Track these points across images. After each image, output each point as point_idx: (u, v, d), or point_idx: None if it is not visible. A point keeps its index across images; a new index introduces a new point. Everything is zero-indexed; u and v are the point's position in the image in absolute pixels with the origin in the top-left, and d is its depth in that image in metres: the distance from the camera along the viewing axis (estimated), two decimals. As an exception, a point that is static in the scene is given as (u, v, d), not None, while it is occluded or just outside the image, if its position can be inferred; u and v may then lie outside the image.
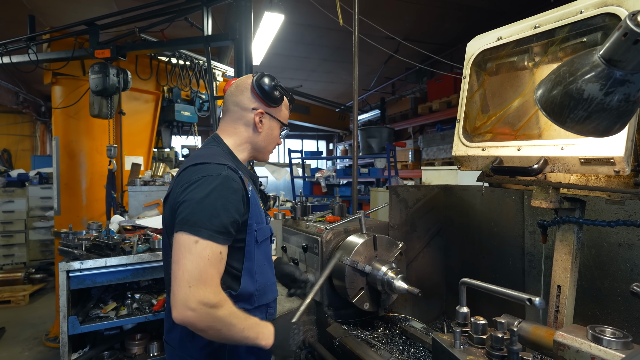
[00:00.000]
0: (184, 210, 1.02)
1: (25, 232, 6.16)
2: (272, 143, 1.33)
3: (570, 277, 1.11)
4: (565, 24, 1.04)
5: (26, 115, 9.31)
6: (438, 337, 1.02)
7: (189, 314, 0.93)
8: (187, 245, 0.98)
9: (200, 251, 0.97)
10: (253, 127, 1.26)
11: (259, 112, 1.25)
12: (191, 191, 1.04)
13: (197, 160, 1.13)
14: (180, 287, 0.95)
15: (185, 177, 1.10)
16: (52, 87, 4.02)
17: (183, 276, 0.95)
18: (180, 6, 3.26)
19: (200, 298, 0.94)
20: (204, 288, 0.95)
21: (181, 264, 0.97)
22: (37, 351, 3.73)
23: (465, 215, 2.10)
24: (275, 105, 1.27)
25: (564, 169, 1.00)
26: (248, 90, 1.25)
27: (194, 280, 0.95)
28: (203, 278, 0.96)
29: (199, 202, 1.02)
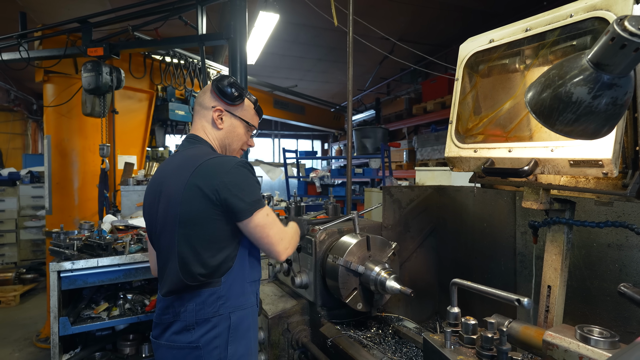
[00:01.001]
0: (245, 197, 1.22)
1: (16, 232, 6.08)
2: (237, 141, 1.42)
3: (560, 277, 1.13)
4: (555, 27, 1.06)
5: (17, 114, 9.19)
6: (429, 337, 1.03)
7: (287, 253, 1.32)
8: (264, 221, 1.25)
9: (272, 218, 1.28)
10: (213, 124, 1.37)
11: (217, 109, 1.36)
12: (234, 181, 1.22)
13: (208, 156, 1.27)
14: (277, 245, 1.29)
15: (214, 170, 1.23)
16: (44, 85, 3.98)
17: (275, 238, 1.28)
18: (175, 4, 3.24)
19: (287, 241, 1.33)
20: (283, 238, 1.31)
21: (269, 233, 1.27)
22: (27, 352, 3.68)
23: (458, 216, 2.11)
24: (233, 103, 1.36)
25: (554, 170, 1.02)
26: (209, 91, 1.38)
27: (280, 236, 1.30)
28: (276, 235, 1.29)
29: (248, 184, 1.25)
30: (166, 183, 1.29)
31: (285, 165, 6.73)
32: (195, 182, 1.21)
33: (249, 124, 1.42)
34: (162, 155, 5.14)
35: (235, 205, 1.21)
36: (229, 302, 1.26)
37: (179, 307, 1.25)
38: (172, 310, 1.27)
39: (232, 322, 1.26)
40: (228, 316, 1.25)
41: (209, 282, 1.24)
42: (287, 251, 1.33)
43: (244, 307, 1.30)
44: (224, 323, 1.25)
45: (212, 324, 1.23)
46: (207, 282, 1.24)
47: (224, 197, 1.20)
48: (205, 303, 1.24)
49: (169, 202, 1.26)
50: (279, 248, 1.29)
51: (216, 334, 1.23)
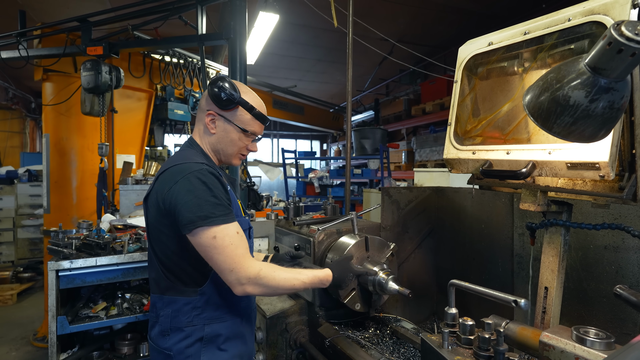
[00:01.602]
0: (184, 210, 1.12)
1: (13, 231, 6.06)
2: (231, 146, 1.34)
3: (557, 279, 1.13)
4: (553, 30, 1.06)
5: (15, 112, 9.16)
6: (427, 337, 1.04)
7: (245, 290, 1.13)
8: (209, 243, 1.11)
9: (219, 242, 1.11)
10: (205, 128, 1.33)
11: (210, 113, 1.31)
12: (180, 191, 1.14)
13: (175, 162, 1.22)
14: (226, 275, 1.13)
15: (168, 178, 1.18)
16: (43, 83, 3.97)
17: (222, 267, 1.12)
18: (174, 4, 3.24)
19: (240, 276, 1.12)
20: (243, 267, 1.12)
21: (215, 260, 1.12)
22: (24, 351, 3.67)
23: (456, 217, 2.12)
24: (225, 108, 1.29)
25: (551, 173, 1.03)
26: (206, 94, 1.33)
27: (232, 266, 1.11)
28: (238, 260, 1.12)
29: (194, 196, 1.13)
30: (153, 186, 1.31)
31: (284, 165, 6.73)
32: (155, 188, 1.22)
33: (243, 130, 1.32)
34: (161, 154, 5.14)
35: (180, 218, 1.13)
36: (204, 313, 1.23)
37: (160, 310, 1.26)
38: (154, 311, 1.28)
39: (205, 334, 1.22)
40: (202, 327, 1.22)
41: (182, 291, 1.22)
42: (246, 287, 1.12)
43: (224, 319, 1.26)
44: (197, 334, 1.22)
45: (185, 333, 1.21)
46: (181, 291, 1.22)
47: (170, 207, 1.15)
48: (180, 311, 1.22)
49: (145, 202, 1.29)
50: (230, 279, 1.12)
51: (188, 344, 1.21)
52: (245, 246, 1.17)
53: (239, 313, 1.32)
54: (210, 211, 1.12)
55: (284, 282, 1.19)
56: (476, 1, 5.32)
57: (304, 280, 1.24)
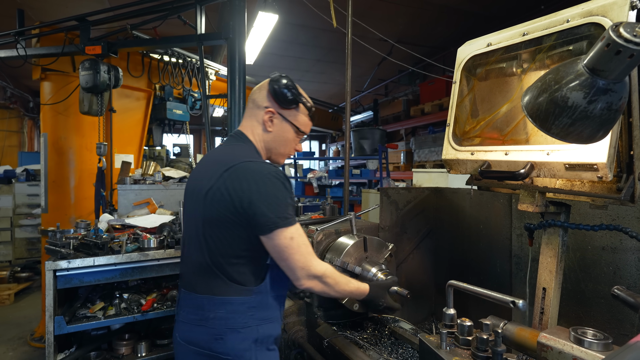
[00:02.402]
0: (265, 212, 1.13)
1: (11, 230, 6.04)
2: (284, 146, 1.35)
3: (555, 280, 1.14)
4: (552, 32, 1.07)
5: (14, 111, 9.12)
6: (425, 338, 1.04)
7: (308, 285, 1.19)
8: (287, 243, 1.15)
9: (297, 240, 1.15)
10: (262, 125, 1.31)
11: (269, 111, 1.29)
12: (262, 192, 1.15)
13: (242, 159, 1.21)
14: (297, 272, 1.17)
15: (242, 176, 1.17)
16: (41, 83, 3.96)
17: (296, 265, 1.16)
18: (173, 4, 3.24)
19: (308, 273, 1.17)
20: (307, 266, 1.17)
21: (290, 259, 1.16)
22: (22, 351, 3.66)
23: (454, 218, 2.13)
24: (286, 107, 1.29)
25: (549, 174, 1.03)
26: (265, 90, 1.31)
27: (305, 264, 1.17)
28: (309, 257, 1.18)
29: (276, 199, 1.15)
30: (203, 175, 1.26)
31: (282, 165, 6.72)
32: (223, 183, 1.17)
33: (299, 130, 1.34)
34: (159, 154, 5.12)
35: (258, 218, 1.13)
36: (258, 313, 1.21)
37: (209, 311, 1.19)
38: (199, 313, 1.20)
39: (259, 335, 1.21)
40: (257, 329, 1.20)
41: (239, 291, 1.18)
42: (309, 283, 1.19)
43: (271, 319, 1.25)
44: (252, 335, 1.19)
45: (242, 335, 1.18)
46: (238, 290, 1.18)
47: (247, 206, 1.13)
48: (236, 312, 1.18)
49: (199, 196, 1.22)
50: (300, 274, 1.17)
51: (246, 347, 1.18)
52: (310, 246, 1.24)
53: (280, 314, 1.32)
54: (288, 212, 1.16)
55: (341, 285, 1.27)
56: (475, 2, 5.33)
57: (351, 290, 1.33)
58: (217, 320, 1.18)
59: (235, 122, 3.25)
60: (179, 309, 1.29)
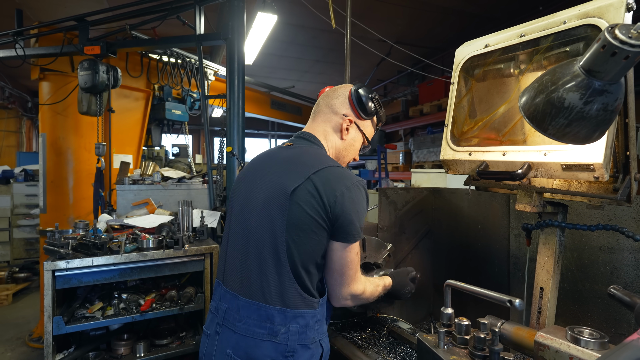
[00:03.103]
0: (355, 222, 1.11)
1: (9, 230, 6.02)
2: (351, 155, 1.33)
3: (553, 279, 1.14)
4: (549, 33, 1.07)
5: (12, 111, 9.11)
6: (423, 337, 1.04)
7: (345, 303, 1.18)
8: (351, 257, 1.13)
9: (354, 257, 1.14)
10: (337, 132, 1.29)
11: (348, 120, 1.27)
12: (353, 200, 1.12)
13: (328, 163, 1.16)
14: (339, 287, 1.15)
15: (334, 180, 1.12)
16: (40, 83, 3.95)
17: (344, 280, 1.14)
18: (173, 4, 3.24)
19: (351, 292, 1.16)
20: (354, 285, 1.16)
21: (343, 273, 1.14)
22: (20, 352, 3.65)
23: (453, 218, 2.13)
24: (365, 117, 1.29)
25: (546, 174, 1.03)
26: (344, 96, 1.29)
27: (350, 281, 1.15)
28: (353, 277, 1.16)
29: (362, 209, 1.14)
30: (276, 172, 1.17)
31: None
32: (314, 183, 1.09)
33: (367, 140, 1.34)
34: (158, 154, 5.12)
35: (347, 226, 1.09)
36: (321, 327, 1.15)
37: (280, 326, 1.09)
38: (270, 327, 1.09)
39: (324, 350, 1.16)
40: (320, 344, 1.15)
41: (309, 303, 1.11)
42: (348, 302, 1.18)
43: (326, 332, 1.21)
44: (318, 350, 1.14)
45: (311, 351, 1.11)
46: (309, 303, 1.11)
47: (339, 211, 1.08)
48: (307, 326, 1.11)
49: (277, 194, 1.12)
50: (343, 292, 1.14)
51: None
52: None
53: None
54: (361, 228, 1.13)
55: (374, 295, 1.28)
56: (474, 3, 5.35)
57: (380, 292, 1.34)
58: (290, 336, 1.09)
59: (235, 122, 3.25)
60: (234, 321, 1.15)
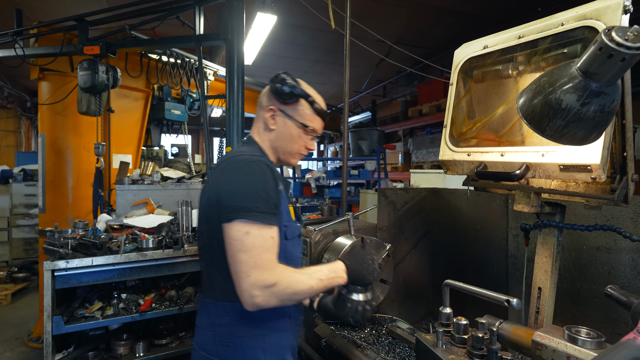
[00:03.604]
0: (229, 198, 1.05)
1: (8, 230, 6.01)
2: (290, 143, 1.28)
3: (551, 279, 1.15)
4: (547, 35, 1.08)
5: (11, 111, 9.10)
6: (421, 337, 1.05)
7: (255, 301, 1.00)
8: (239, 238, 1.01)
9: (251, 240, 1.01)
10: (265, 124, 1.28)
11: (270, 109, 1.26)
12: (231, 178, 1.08)
13: (230, 155, 1.17)
14: (238, 279, 1.01)
15: (221, 169, 1.14)
16: (39, 82, 3.95)
17: (241, 268, 1.01)
18: (172, 4, 3.24)
19: (257, 283, 0.99)
20: (257, 273, 1.00)
21: (236, 258, 1.02)
22: (19, 351, 3.64)
23: (451, 218, 2.14)
24: (286, 102, 1.24)
25: (544, 174, 1.04)
26: (268, 91, 1.29)
27: (251, 270, 1.00)
28: (262, 265, 1.01)
29: (243, 185, 1.05)
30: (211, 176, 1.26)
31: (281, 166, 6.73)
32: (210, 178, 1.20)
33: (304, 125, 1.27)
34: (158, 154, 5.12)
35: (226, 202, 1.05)
36: (265, 322, 1.16)
37: (214, 317, 1.15)
38: (208, 318, 1.16)
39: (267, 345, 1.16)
40: (263, 338, 1.15)
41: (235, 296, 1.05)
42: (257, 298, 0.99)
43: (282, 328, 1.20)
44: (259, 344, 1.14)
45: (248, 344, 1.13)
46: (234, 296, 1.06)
47: (221, 189, 1.08)
48: (241, 319, 1.13)
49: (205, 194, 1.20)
50: (243, 284, 1.00)
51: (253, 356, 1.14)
52: (275, 252, 1.06)
53: (294, 323, 1.27)
54: (254, 204, 1.03)
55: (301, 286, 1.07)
56: (473, 4, 5.36)
57: (320, 278, 1.12)
58: (222, 327, 1.14)
59: (234, 123, 3.26)
60: (198, 316, 1.24)
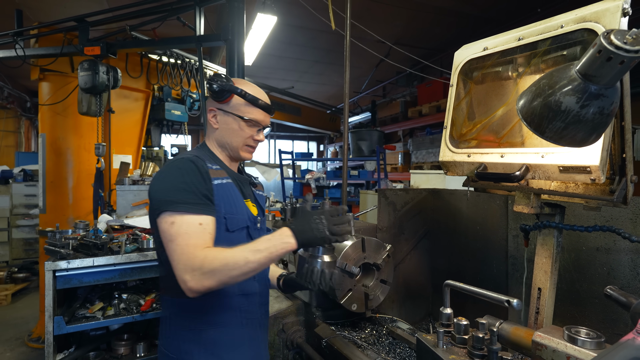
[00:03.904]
0: (154, 195, 1.12)
1: (8, 231, 6.01)
2: (234, 137, 1.29)
3: (550, 280, 1.16)
4: (547, 37, 1.09)
5: (10, 111, 9.10)
6: (422, 337, 1.05)
7: (190, 285, 1.00)
8: (166, 229, 1.06)
9: (175, 229, 1.05)
10: (210, 126, 1.33)
11: (210, 110, 1.31)
12: (156, 177, 1.17)
13: (170, 159, 1.27)
14: (176, 269, 1.03)
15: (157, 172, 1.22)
16: (40, 83, 3.95)
17: (173, 257, 1.04)
18: (173, 5, 3.25)
19: (186, 267, 1.01)
20: (188, 258, 1.02)
21: (167, 249, 1.06)
22: (19, 352, 3.65)
23: (451, 219, 2.15)
24: (221, 99, 1.27)
25: (544, 176, 1.05)
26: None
27: (179, 256, 1.03)
28: (186, 251, 1.03)
29: (166, 182, 1.13)
30: None
31: (281, 166, 6.74)
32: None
33: (244, 119, 1.28)
34: (158, 155, 5.12)
35: (152, 198, 1.13)
36: (201, 316, 1.18)
37: (163, 309, 1.23)
38: (162, 313, 1.24)
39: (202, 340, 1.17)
40: (200, 333, 1.18)
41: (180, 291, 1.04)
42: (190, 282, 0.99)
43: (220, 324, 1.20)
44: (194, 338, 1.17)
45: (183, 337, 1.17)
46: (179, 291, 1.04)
47: (150, 195, 1.15)
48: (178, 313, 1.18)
49: None
50: (177, 272, 1.01)
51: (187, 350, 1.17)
52: (204, 238, 1.05)
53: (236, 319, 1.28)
54: (176, 197, 1.07)
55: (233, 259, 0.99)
56: (473, 4, 5.37)
57: (258, 248, 1.02)
58: (166, 320, 1.21)
59: (234, 123, 3.27)
60: None
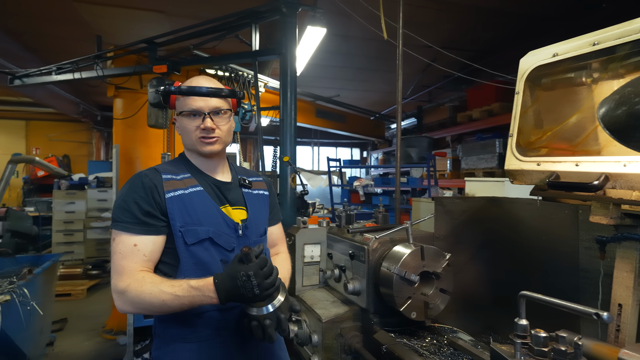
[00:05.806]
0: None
1: (83, 231, 6.69)
2: (187, 134, 1.30)
3: (633, 296, 1.10)
4: (626, 41, 1.05)
5: (84, 124, 10.15)
6: (497, 347, 1.05)
7: (116, 304, 1.11)
8: (111, 244, 1.16)
9: (114, 247, 1.14)
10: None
11: (173, 119, 1.39)
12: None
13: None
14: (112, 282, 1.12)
15: None
16: (114, 99, 4.41)
17: (112, 271, 1.13)
18: (232, 24, 3.48)
19: (113, 287, 1.10)
20: (117, 278, 1.11)
21: (112, 264, 1.15)
22: (95, 341, 4.04)
23: (513, 229, 2.07)
24: (167, 105, 1.34)
25: (627, 185, 1.00)
26: None
27: (112, 274, 1.13)
28: (117, 270, 1.12)
29: (118, 196, 1.20)
30: None
31: (329, 173, 6.85)
32: None
33: (183, 113, 1.29)
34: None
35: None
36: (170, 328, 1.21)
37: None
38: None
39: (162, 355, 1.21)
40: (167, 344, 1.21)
41: None
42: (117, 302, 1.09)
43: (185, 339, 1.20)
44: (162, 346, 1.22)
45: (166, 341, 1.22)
46: None
47: None
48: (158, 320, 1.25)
49: None
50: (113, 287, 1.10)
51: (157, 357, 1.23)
52: (136, 260, 1.11)
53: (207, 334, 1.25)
54: (116, 214, 1.16)
55: (150, 297, 1.04)
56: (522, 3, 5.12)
57: (177, 294, 1.04)
58: (154, 323, 1.28)
59: (287, 132, 3.41)
60: None
